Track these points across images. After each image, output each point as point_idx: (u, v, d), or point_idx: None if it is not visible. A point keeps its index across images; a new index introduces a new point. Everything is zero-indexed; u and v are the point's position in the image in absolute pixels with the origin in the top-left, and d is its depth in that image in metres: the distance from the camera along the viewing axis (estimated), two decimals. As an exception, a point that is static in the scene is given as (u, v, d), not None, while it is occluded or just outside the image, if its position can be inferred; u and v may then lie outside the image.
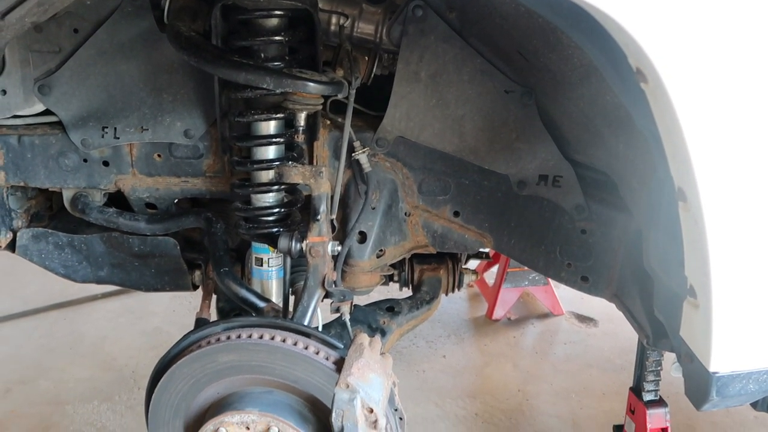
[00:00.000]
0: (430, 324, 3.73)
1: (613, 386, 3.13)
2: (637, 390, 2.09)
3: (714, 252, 1.04)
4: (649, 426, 2.03)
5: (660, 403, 2.05)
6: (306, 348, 1.39)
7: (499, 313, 3.88)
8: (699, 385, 1.25)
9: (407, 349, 3.51)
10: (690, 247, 1.10)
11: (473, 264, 3.58)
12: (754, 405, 1.38)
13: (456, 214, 1.84)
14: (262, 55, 1.51)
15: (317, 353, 1.39)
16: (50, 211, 2.04)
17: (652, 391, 2.05)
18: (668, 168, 1.05)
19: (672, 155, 1.01)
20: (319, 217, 1.54)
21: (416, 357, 3.45)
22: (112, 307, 3.90)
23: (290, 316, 1.62)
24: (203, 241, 1.89)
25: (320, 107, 1.59)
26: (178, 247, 1.87)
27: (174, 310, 3.81)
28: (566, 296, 3.83)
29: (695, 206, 1.01)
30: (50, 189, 1.83)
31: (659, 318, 1.41)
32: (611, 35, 0.94)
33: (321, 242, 1.55)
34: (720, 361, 1.17)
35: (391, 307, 1.96)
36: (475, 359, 3.50)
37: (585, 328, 3.77)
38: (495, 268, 3.94)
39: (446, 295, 2.08)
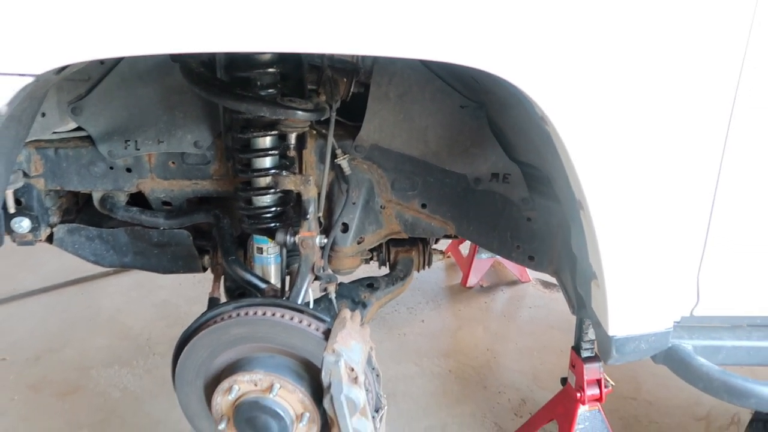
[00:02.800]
0: (410, 292, 4.02)
1: (570, 344, 3.45)
2: (576, 348, 2.40)
3: (603, 247, 1.34)
4: (585, 377, 2.33)
5: (595, 358, 2.35)
6: (300, 322, 1.65)
7: (472, 281, 4.17)
8: (604, 345, 1.55)
9: (390, 315, 3.80)
10: (589, 242, 1.40)
11: (444, 243, 3.88)
12: (654, 359, 1.68)
13: (423, 206, 2.07)
14: (258, 83, 1.75)
15: (309, 326, 1.65)
16: (77, 206, 2.31)
17: (588, 349, 2.35)
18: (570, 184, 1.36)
19: (570, 176, 1.31)
20: (308, 216, 1.82)
21: (398, 322, 3.75)
22: (124, 282, 4.17)
23: (287, 296, 1.91)
24: (211, 232, 2.17)
25: (307, 127, 1.87)
26: (191, 237, 2.13)
27: (180, 284, 4.07)
28: (533, 265, 4.13)
29: (587, 214, 1.32)
30: (81, 192, 2.11)
31: (580, 292, 1.72)
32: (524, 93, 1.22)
33: (310, 236, 1.83)
34: (615, 327, 1.48)
35: (371, 284, 2.20)
36: (450, 323, 3.80)
37: (549, 293, 4.09)
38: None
39: (418, 272, 2.34)
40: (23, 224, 2.01)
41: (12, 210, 1.97)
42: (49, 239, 2.15)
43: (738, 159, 1.35)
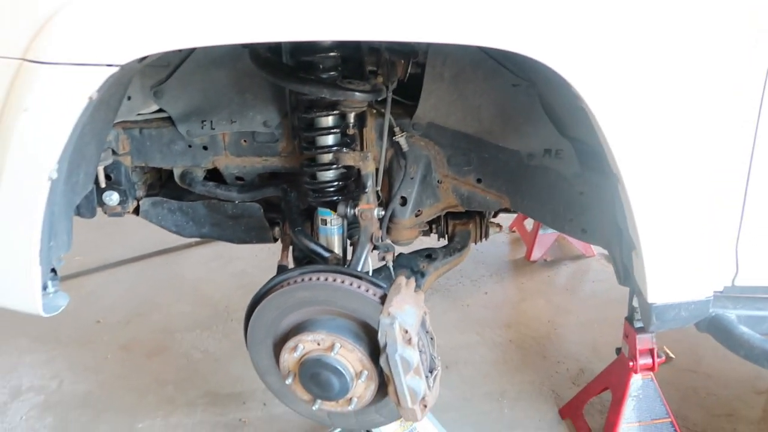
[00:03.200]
0: (474, 265, 4.11)
1: (631, 317, 3.48)
2: (630, 319, 2.44)
3: (638, 219, 1.41)
4: (638, 347, 2.38)
5: (647, 329, 2.40)
6: (359, 287, 1.78)
7: (536, 255, 4.21)
8: (645, 312, 1.62)
9: (454, 287, 3.90)
10: (627, 214, 1.47)
11: (504, 218, 3.93)
12: (698, 327, 1.73)
13: (479, 180, 2.15)
14: (321, 66, 1.87)
15: (367, 291, 1.78)
16: (160, 182, 2.50)
17: (640, 320, 2.41)
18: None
19: (606, 151, 1.38)
20: (367, 189, 1.95)
21: (461, 293, 3.84)
22: (204, 252, 4.41)
23: (348, 264, 2.05)
24: (280, 205, 2.33)
25: (366, 107, 1.98)
26: (262, 210, 2.28)
27: (256, 255, 4.25)
28: (598, 240, 4.15)
29: (623, 187, 1.38)
30: (163, 168, 2.30)
31: (625, 263, 1.78)
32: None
33: (369, 209, 1.96)
34: (654, 295, 1.54)
35: (429, 254, 2.30)
36: (513, 295, 3.87)
37: (612, 268, 4.09)
38: (533, 215, 4.29)
39: (475, 244, 2.41)
40: (113, 197, 2.20)
41: (103, 185, 2.16)
42: (136, 211, 2.35)
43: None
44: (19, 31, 1.26)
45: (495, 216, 2.61)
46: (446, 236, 2.44)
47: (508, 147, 2.07)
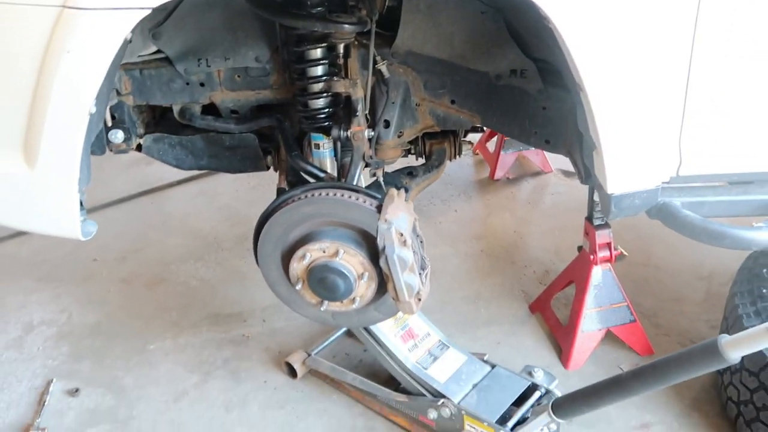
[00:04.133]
0: (444, 186, 4.34)
1: (588, 223, 3.78)
2: (589, 218, 2.71)
3: (599, 121, 1.65)
4: (597, 241, 2.67)
5: (605, 225, 2.66)
6: (357, 199, 1.98)
7: (499, 174, 4.44)
8: (605, 203, 1.86)
9: (426, 207, 4.12)
10: (588, 118, 1.70)
11: (474, 136, 4.15)
12: (649, 214, 2.00)
13: (452, 101, 2.32)
14: (308, 2, 2.02)
15: (365, 202, 1.97)
16: (154, 120, 2.62)
17: (599, 218, 2.67)
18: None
19: (570, 65, 1.60)
20: (357, 113, 2.13)
21: (434, 212, 4.07)
22: (188, 191, 4.52)
23: (344, 180, 2.24)
24: (272, 135, 2.49)
25: (353, 38, 2.15)
26: (257, 140, 2.44)
27: (237, 190, 4.42)
28: (554, 156, 4.39)
29: (585, 95, 1.61)
30: (163, 105, 2.43)
31: (586, 164, 2.03)
32: None
33: (360, 130, 2.14)
34: (613, 186, 1.78)
35: (410, 172, 2.49)
36: (481, 211, 4.12)
37: (569, 181, 4.37)
38: (495, 138, 4.51)
39: (450, 161, 2.59)
40: (118, 135, 2.33)
41: (109, 123, 2.30)
42: (138, 148, 2.50)
43: (706, 35, 1.61)
44: (59, -19, 1.40)
45: (465, 135, 2.82)
46: (424, 155, 2.63)
47: (478, 69, 2.24)
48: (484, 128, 2.87)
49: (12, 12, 1.42)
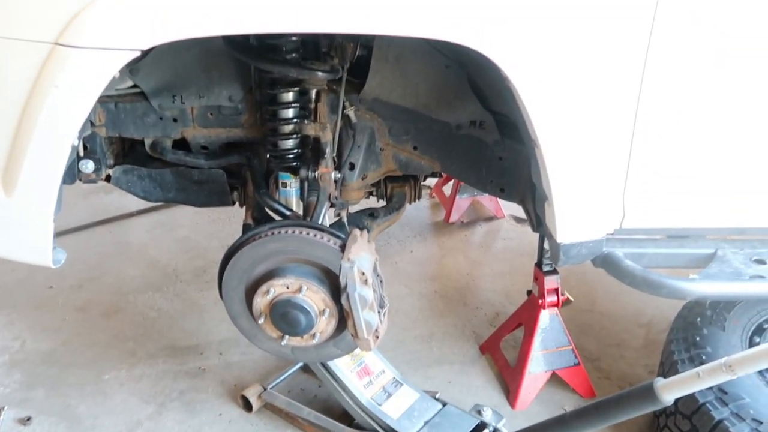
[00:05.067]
0: (401, 228, 4.42)
1: (538, 269, 3.91)
2: (539, 264, 2.84)
3: (551, 175, 1.77)
4: (546, 287, 2.78)
5: (554, 272, 2.79)
6: (322, 238, 2.03)
7: (454, 217, 4.54)
8: (554, 251, 1.97)
9: (383, 247, 4.19)
10: (542, 172, 1.83)
11: (432, 181, 4.28)
12: (594, 263, 2.12)
13: (415, 148, 2.41)
14: (284, 48, 2.11)
15: (329, 241, 2.03)
16: (123, 151, 2.66)
17: (548, 264, 2.80)
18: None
19: (527, 122, 1.72)
20: (326, 155, 2.22)
21: (390, 252, 4.15)
22: (146, 221, 4.50)
23: (310, 219, 2.30)
24: (239, 172, 2.55)
25: (324, 85, 2.25)
26: (225, 176, 2.49)
27: (197, 223, 4.40)
28: (507, 203, 4.54)
29: (540, 150, 1.73)
30: (135, 138, 2.46)
31: (538, 213, 2.14)
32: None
33: (328, 172, 2.22)
34: (562, 236, 1.90)
35: (372, 213, 2.55)
36: (435, 252, 4.21)
37: (520, 227, 4.52)
38: (452, 182, 4.62)
39: (410, 203, 2.68)
40: (89, 165, 2.34)
41: (81, 153, 2.33)
42: (107, 178, 2.52)
43: (650, 104, 1.76)
44: (51, 20, 1.45)
45: (425, 180, 2.93)
46: (385, 197, 2.70)
47: (440, 119, 2.35)
48: (442, 173, 2.99)
49: (4, 46, 1.47)
